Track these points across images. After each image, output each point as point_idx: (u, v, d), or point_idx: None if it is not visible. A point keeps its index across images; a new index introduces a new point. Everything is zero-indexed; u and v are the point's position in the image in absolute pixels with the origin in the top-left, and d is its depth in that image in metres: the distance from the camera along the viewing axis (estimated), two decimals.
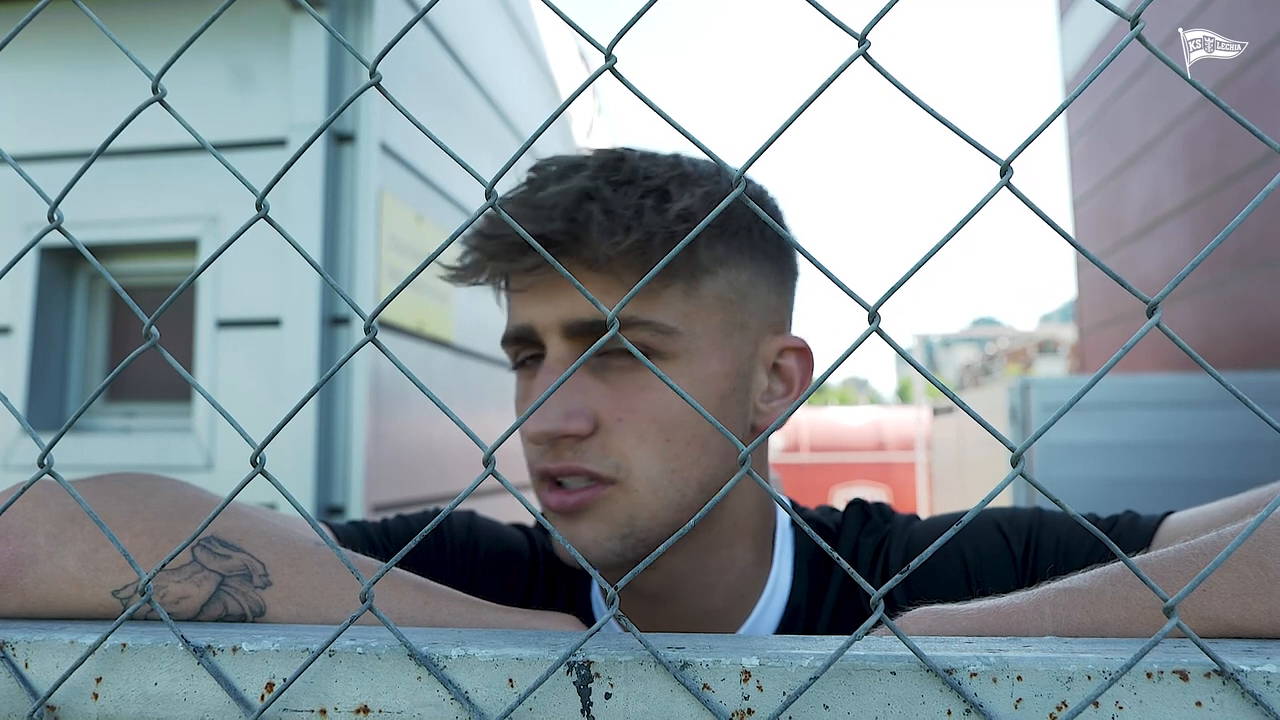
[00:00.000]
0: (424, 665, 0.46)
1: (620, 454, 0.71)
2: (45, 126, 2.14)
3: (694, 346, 0.73)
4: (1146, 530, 0.70)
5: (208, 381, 2.00)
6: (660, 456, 0.72)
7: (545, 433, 0.70)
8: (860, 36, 0.44)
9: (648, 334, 0.71)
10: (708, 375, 0.74)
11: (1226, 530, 0.52)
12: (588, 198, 0.70)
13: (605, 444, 0.71)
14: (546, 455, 0.72)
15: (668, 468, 0.72)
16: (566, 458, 0.71)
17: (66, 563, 0.57)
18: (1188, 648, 0.44)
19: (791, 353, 0.81)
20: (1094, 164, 6.35)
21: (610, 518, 0.72)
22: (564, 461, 0.72)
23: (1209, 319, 4.67)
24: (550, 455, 0.72)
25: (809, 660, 0.44)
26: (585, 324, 0.72)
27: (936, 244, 0.42)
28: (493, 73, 2.84)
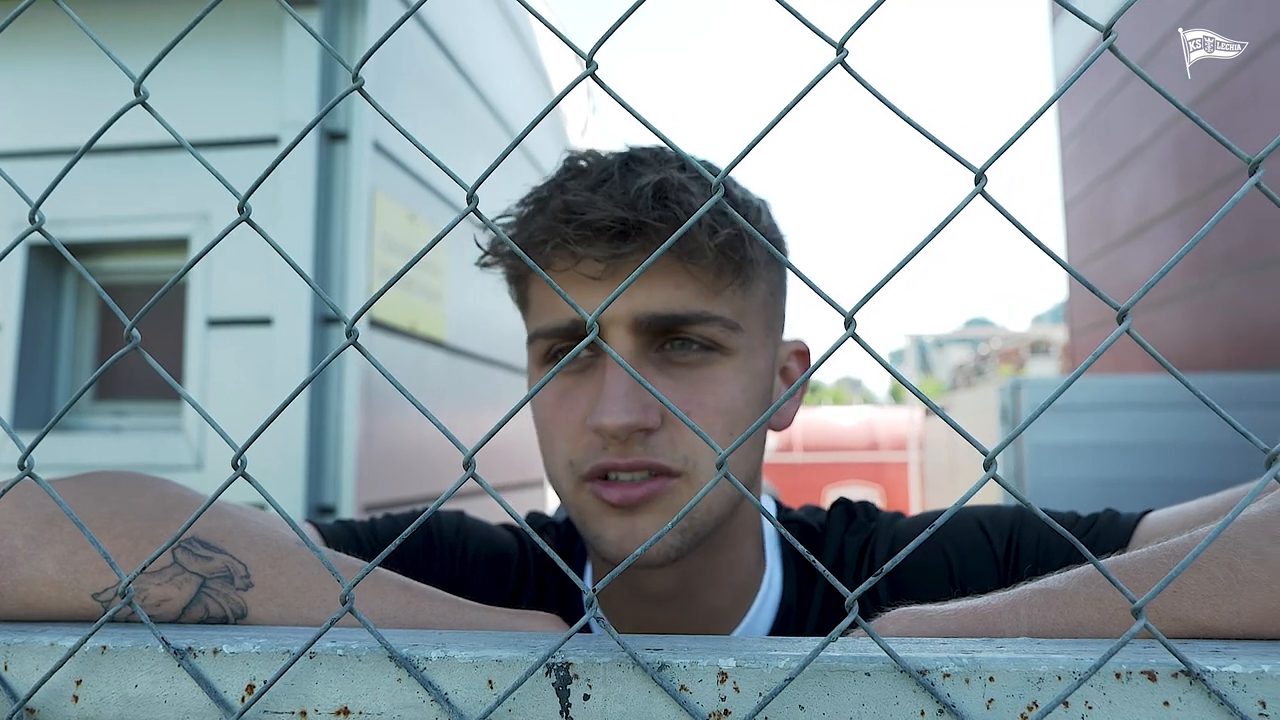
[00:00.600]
0: (404, 667, 0.46)
1: (689, 447, 0.71)
2: (37, 123, 2.14)
3: (749, 344, 0.74)
4: (1125, 529, 0.71)
5: (198, 381, 2.00)
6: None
7: (626, 425, 0.68)
8: (838, 45, 0.45)
9: (717, 329, 0.72)
10: (759, 372, 0.75)
11: (1198, 531, 0.53)
12: (682, 189, 0.70)
13: (674, 437, 0.71)
14: (612, 449, 0.70)
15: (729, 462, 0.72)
16: (636, 452, 0.70)
17: (45, 565, 0.57)
18: (1157, 648, 0.44)
19: (797, 356, 0.84)
20: (1085, 166, 6.37)
21: (674, 511, 0.71)
22: (634, 456, 0.70)
23: (1199, 321, 4.69)
24: (616, 450, 0.70)
25: (785, 662, 0.44)
26: (660, 318, 0.71)
27: (911, 251, 0.43)
28: (488, 73, 2.84)
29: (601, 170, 0.73)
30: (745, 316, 0.74)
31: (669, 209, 0.69)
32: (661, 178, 0.70)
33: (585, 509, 0.73)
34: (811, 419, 10.04)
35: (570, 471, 0.73)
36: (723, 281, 0.72)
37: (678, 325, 0.71)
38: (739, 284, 0.73)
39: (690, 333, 0.71)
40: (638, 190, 0.69)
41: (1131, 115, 5.50)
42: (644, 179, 0.70)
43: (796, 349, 0.84)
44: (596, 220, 0.69)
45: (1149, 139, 5.27)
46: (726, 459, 0.45)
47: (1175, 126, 4.94)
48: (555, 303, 0.75)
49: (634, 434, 0.70)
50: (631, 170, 0.72)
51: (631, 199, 0.69)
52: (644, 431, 0.70)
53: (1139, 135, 5.39)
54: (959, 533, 0.77)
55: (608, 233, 0.69)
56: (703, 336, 0.72)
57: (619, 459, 0.70)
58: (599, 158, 0.76)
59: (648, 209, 0.69)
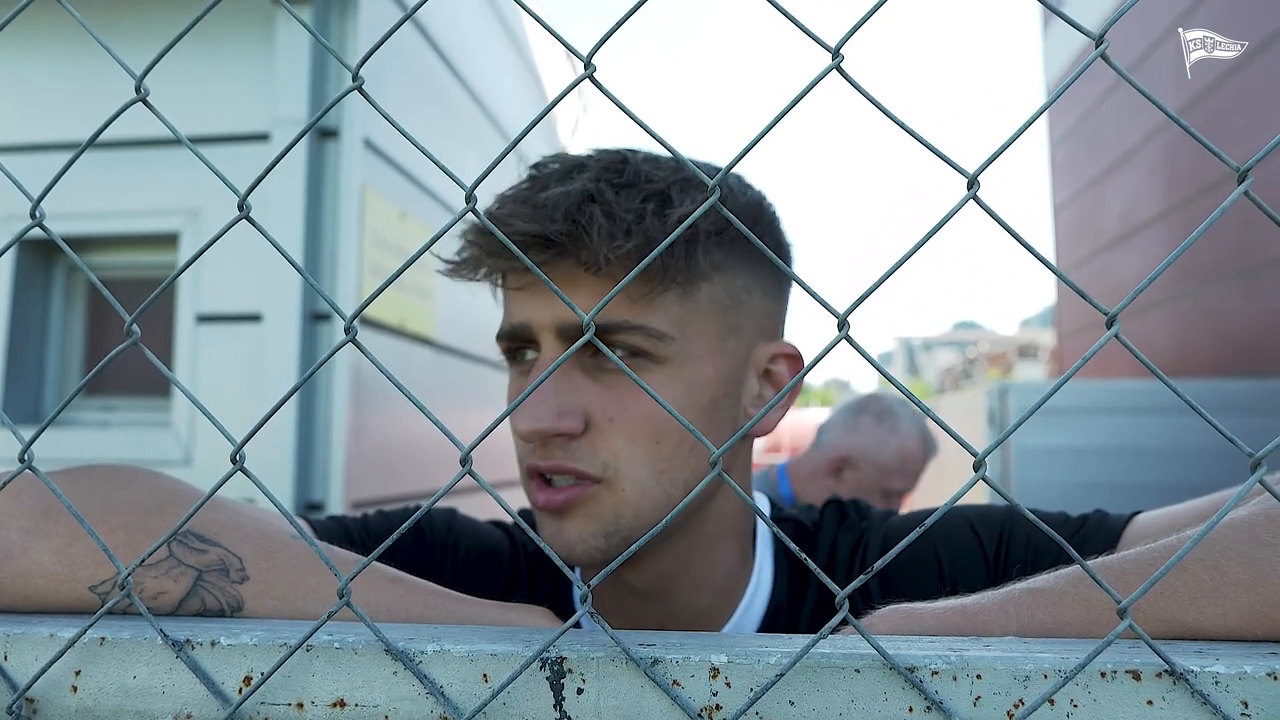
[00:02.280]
0: (400, 660, 0.47)
1: (610, 453, 0.72)
2: (31, 117, 2.13)
3: (687, 351, 0.73)
4: (1114, 530, 0.72)
5: (187, 377, 1.99)
6: (649, 458, 0.72)
7: (537, 430, 0.70)
8: (834, 50, 0.45)
9: (639, 338, 0.72)
10: (700, 380, 0.74)
11: (1186, 534, 0.54)
12: (590, 199, 0.70)
13: (595, 443, 0.72)
14: (537, 452, 0.73)
15: (656, 469, 0.73)
16: (556, 456, 0.72)
17: (41, 558, 0.58)
18: (1142, 648, 0.45)
19: (784, 359, 0.81)
20: (1074, 171, 6.41)
21: (596, 516, 0.72)
22: (554, 460, 0.72)
23: (1183, 327, 4.73)
24: (540, 453, 0.72)
25: (776, 658, 0.45)
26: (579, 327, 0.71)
27: (904, 255, 0.43)
28: (479, 70, 2.84)
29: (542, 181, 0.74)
30: (685, 324, 0.73)
31: (572, 221, 0.69)
32: (570, 189, 0.71)
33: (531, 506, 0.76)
34: (800, 420, 10.05)
35: (520, 468, 0.76)
36: (648, 289, 0.72)
37: (601, 335, 0.71)
38: (673, 291, 0.73)
39: (613, 341, 0.72)
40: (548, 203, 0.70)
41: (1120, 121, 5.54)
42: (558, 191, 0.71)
43: (784, 352, 0.82)
44: (511, 235, 0.70)
45: (1137, 145, 5.31)
46: (720, 456, 0.45)
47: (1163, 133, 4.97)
48: (507, 308, 0.77)
49: (554, 438, 0.71)
50: (567, 180, 0.73)
51: (543, 212, 0.70)
52: (565, 436, 0.71)
53: (1127, 141, 5.43)
54: (950, 532, 0.77)
55: (522, 246, 0.70)
56: (626, 345, 0.72)
57: (540, 461, 0.72)
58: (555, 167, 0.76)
59: (554, 221, 0.70)
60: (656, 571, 0.78)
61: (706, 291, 0.75)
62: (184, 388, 0.44)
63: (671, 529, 0.76)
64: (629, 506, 0.72)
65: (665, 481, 0.73)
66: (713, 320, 0.75)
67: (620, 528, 0.73)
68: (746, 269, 0.78)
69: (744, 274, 0.78)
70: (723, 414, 0.76)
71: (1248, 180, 0.42)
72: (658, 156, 0.78)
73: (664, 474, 0.73)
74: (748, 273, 0.78)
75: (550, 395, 0.71)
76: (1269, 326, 3.99)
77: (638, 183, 0.72)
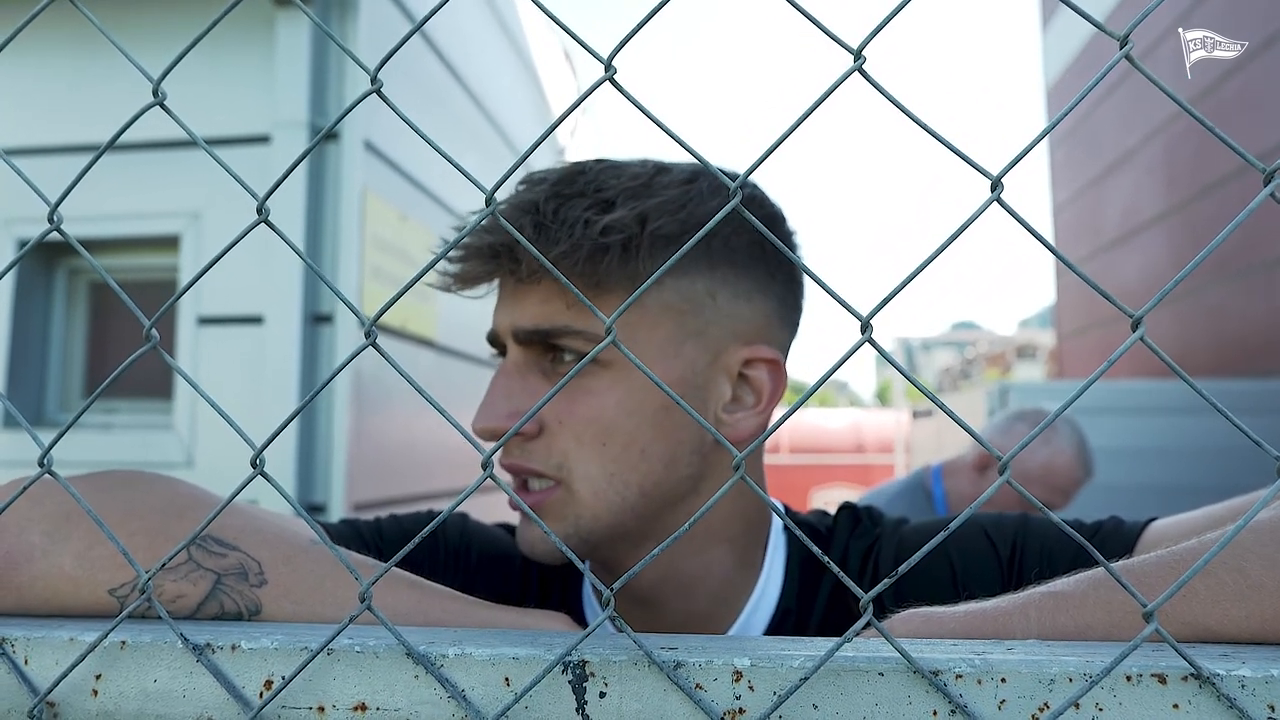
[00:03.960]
0: (421, 664, 0.47)
1: (562, 455, 0.74)
2: (35, 120, 2.13)
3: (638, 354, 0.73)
4: (1130, 536, 0.72)
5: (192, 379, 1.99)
6: (598, 459, 0.73)
7: (488, 429, 0.73)
8: (856, 52, 0.45)
9: (580, 342, 0.73)
10: (648, 384, 0.73)
11: (1208, 537, 0.54)
12: (524, 212, 0.73)
13: (549, 445, 0.74)
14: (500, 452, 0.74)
15: (605, 471, 0.74)
16: (514, 455, 0.75)
17: (62, 561, 0.58)
18: (1167, 652, 0.45)
19: (761, 364, 0.79)
20: (1074, 172, 6.41)
21: (559, 517, 0.74)
22: (511, 459, 0.75)
23: (1186, 327, 4.74)
24: (502, 452, 0.74)
25: (799, 661, 0.45)
26: (527, 331, 0.75)
27: (929, 257, 0.43)
28: (477, 70, 2.84)
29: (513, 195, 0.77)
30: (631, 328, 0.74)
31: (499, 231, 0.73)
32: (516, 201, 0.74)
33: None
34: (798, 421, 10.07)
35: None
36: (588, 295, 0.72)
37: (544, 338, 0.74)
38: (619, 296, 0.73)
39: (560, 344, 0.74)
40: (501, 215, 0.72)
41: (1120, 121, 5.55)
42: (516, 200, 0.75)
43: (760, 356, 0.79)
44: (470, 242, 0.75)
45: (1137, 145, 5.32)
46: (742, 459, 0.45)
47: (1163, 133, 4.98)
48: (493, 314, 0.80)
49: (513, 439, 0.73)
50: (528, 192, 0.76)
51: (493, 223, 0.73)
52: (522, 437, 0.74)
53: (1127, 141, 5.44)
54: (963, 539, 0.77)
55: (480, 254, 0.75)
56: (571, 349, 0.74)
57: (501, 459, 0.74)
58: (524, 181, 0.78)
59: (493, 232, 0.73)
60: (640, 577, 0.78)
61: (654, 296, 0.75)
62: (205, 393, 0.44)
63: (644, 535, 0.76)
64: (585, 509, 0.74)
65: (617, 484, 0.74)
66: (664, 324, 0.75)
67: (580, 529, 0.74)
68: (708, 272, 0.76)
69: (705, 277, 0.76)
70: (678, 418, 0.75)
71: (1274, 181, 0.42)
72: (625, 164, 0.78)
73: (614, 476, 0.74)
74: (710, 276, 0.76)
75: (504, 396, 0.74)
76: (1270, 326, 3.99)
77: (586, 192, 0.74)
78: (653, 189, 0.74)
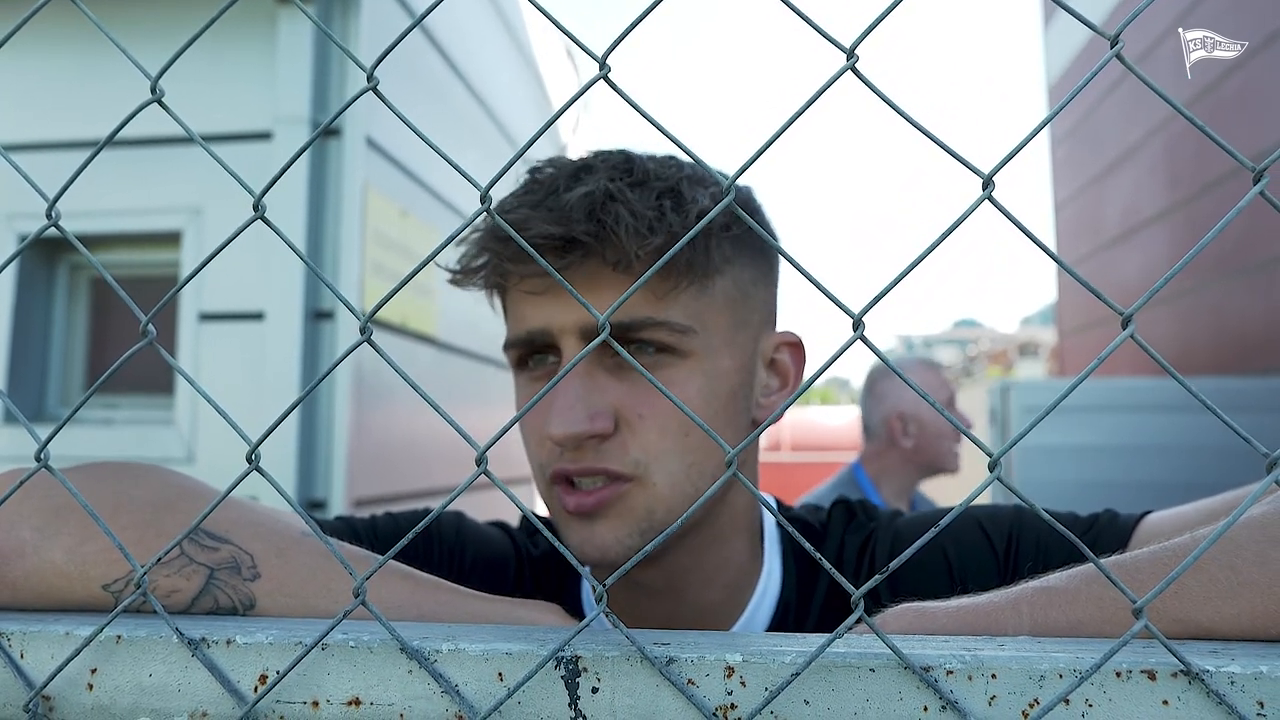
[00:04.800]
0: (415, 659, 0.47)
1: (641, 450, 0.72)
2: (35, 116, 2.13)
3: (707, 345, 0.74)
4: (1125, 529, 0.72)
5: (189, 375, 2.00)
6: (680, 451, 0.73)
7: (573, 435, 0.70)
8: (849, 51, 0.45)
9: (664, 333, 0.72)
10: (720, 372, 0.75)
11: (1200, 533, 0.54)
12: (611, 198, 0.70)
13: (626, 442, 0.72)
14: (566, 457, 0.72)
15: (686, 462, 0.73)
16: (589, 459, 0.72)
17: (54, 556, 0.58)
18: (1156, 648, 0.45)
19: (786, 347, 0.83)
20: (1075, 169, 6.40)
21: (629, 515, 0.72)
22: (586, 462, 0.72)
23: (1184, 325, 4.73)
24: (570, 456, 0.72)
25: (791, 657, 0.45)
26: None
27: (920, 255, 0.44)
28: (478, 67, 2.84)
29: (550, 183, 0.74)
30: (702, 317, 0.74)
31: (597, 221, 0.70)
32: (590, 189, 0.71)
33: (554, 511, 0.76)
34: (800, 418, 10.06)
35: (541, 474, 0.76)
36: (668, 285, 0.72)
37: (623, 332, 0.72)
38: (692, 286, 0.73)
39: (640, 338, 0.72)
40: (568, 204, 0.70)
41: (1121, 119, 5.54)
42: (576, 191, 0.71)
43: (786, 340, 0.83)
44: (530, 238, 0.70)
45: (1139, 142, 5.31)
46: (735, 456, 0.45)
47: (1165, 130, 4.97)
48: (519, 314, 0.76)
49: (586, 441, 0.71)
50: (579, 181, 0.73)
51: (564, 214, 0.70)
52: (597, 438, 0.71)
53: (1128, 139, 5.43)
54: (959, 532, 0.78)
55: (542, 249, 0.70)
56: (652, 341, 0.73)
57: (571, 465, 0.72)
58: (557, 169, 0.76)
59: (578, 222, 0.69)
60: (669, 568, 0.78)
61: (719, 285, 0.76)
62: (201, 389, 0.44)
63: (691, 524, 0.76)
64: (661, 502, 0.73)
65: (694, 474, 0.74)
66: (725, 314, 0.77)
67: (654, 524, 0.73)
68: (751, 262, 0.79)
69: (749, 267, 0.79)
70: (739, 405, 0.77)
71: (1264, 180, 0.42)
72: (655, 155, 0.79)
73: (693, 466, 0.74)
74: (752, 266, 0.79)
75: (580, 398, 0.71)
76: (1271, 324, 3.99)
77: (648, 181, 0.73)
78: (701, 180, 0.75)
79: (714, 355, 0.75)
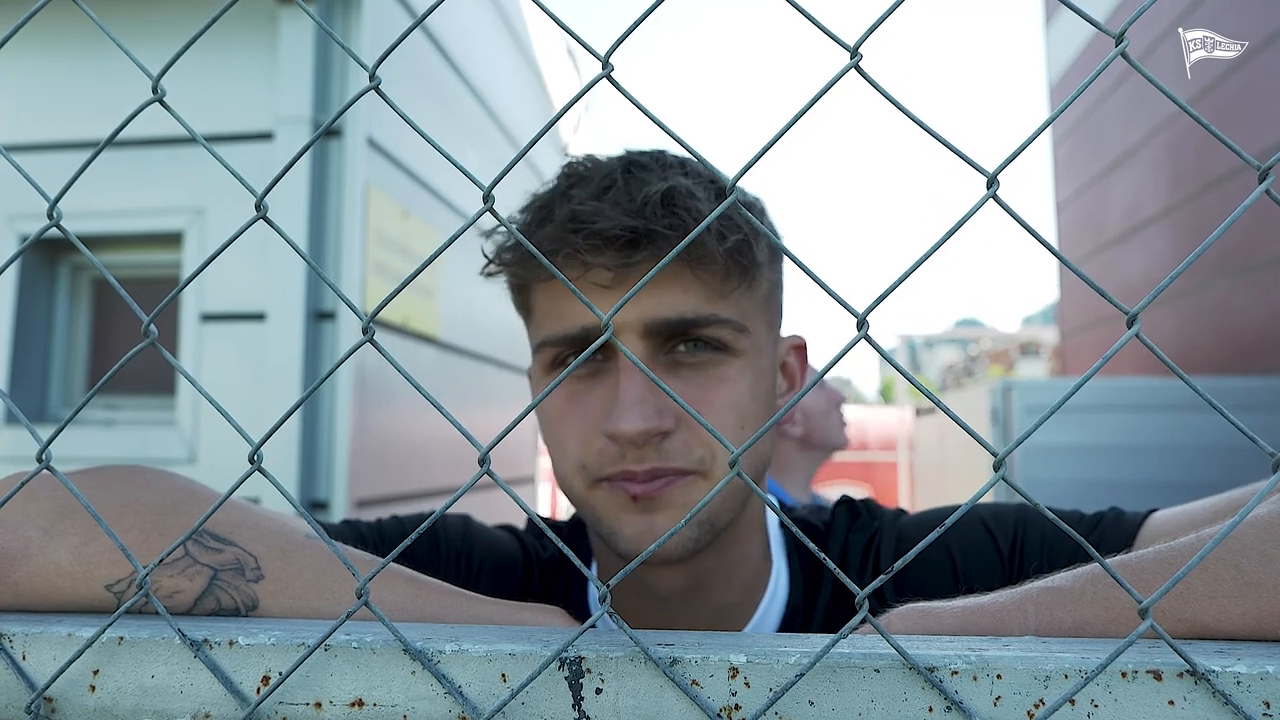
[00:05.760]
0: (418, 660, 0.47)
1: (704, 447, 0.72)
2: (36, 116, 2.13)
3: (754, 344, 0.76)
4: (1130, 528, 0.72)
5: (192, 375, 2.00)
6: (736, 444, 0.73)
7: (643, 431, 0.69)
8: (852, 49, 0.45)
9: (726, 331, 0.73)
10: (763, 370, 0.77)
11: (1205, 532, 0.54)
12: (691, 195, 0.70)
13: (688, 438, 0.72)
14: (630, 457, 0.71)
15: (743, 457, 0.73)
16: (651, 458, 0.71)
17: (59, 557, 0.58)
18: (1162, 648, 0.45)
19: (794, 350, 0.86)
20: (1077, 168, 6.40)
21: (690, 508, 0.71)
22: (650, 462, 0.71)
23: (1187, 324, 4.72)
24: (633, 456, 0.71)
25: (795, 658, 0.45)
26: (670, 323, 0.71)
27: (924, 254, 0.43)
28: (480, 67, 2.84)
29: (604, 177, 0.73)
30: (750, 316, 0.76)
31: (678, 216, 0.69)
32: (670, 185, 0.70)
33: (600, 507, 0.74)
34: None
35: (582, 474, 0.74)
36: (729, 284, 0.73)
37: (687, 329, 0.72)
38: (745, 286, 0.75)
39: (699, 335, 0.72)
40: (645, 198, 0.70)
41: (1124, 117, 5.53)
42: (651, 186, 0.70)
43: (794, 343, 0.85)
44: (606, 229, 0.69)
45: (1141, 141, 5.30)
46: (739, 456, 0.45)
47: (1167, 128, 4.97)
48: (564, 310, 0.74)
49: (650, 439, 0.70)
50: (635, 176, 0.73)
51: (639, 206, 0.69)
52: (659, 436, 0.71)
53: (1131, 137, 5.42)
54: (964, 532, 0.78)
55: (617, 241, 0.70)
56: (711, 338, 0.73)
57: (635, 466, 0.71)
58: (598, 163, 0.76)
59: (657, 216, 0.69)
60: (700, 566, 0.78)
61: (760, 286, 0.77)
62: (203, 390, 0.44)
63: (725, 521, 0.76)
64: (720, 496, 0.73)
65: (748, 468, 0.75)
66: (765, 314, 0.79)
67: (711, 517, 0.74)
68: (773, 264, 0.80)
69: (776, 269, 0.81)
70: (772, 405, 0.79)
71: (1269, 179, 0.42)
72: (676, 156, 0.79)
73: (747, 459, 0.74)
74: (777, 268, 0.81)
75: (646, 395, 0.70)
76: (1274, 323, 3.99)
77: (704, 181, 0.74)
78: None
79: (759, 353, 0.77)
